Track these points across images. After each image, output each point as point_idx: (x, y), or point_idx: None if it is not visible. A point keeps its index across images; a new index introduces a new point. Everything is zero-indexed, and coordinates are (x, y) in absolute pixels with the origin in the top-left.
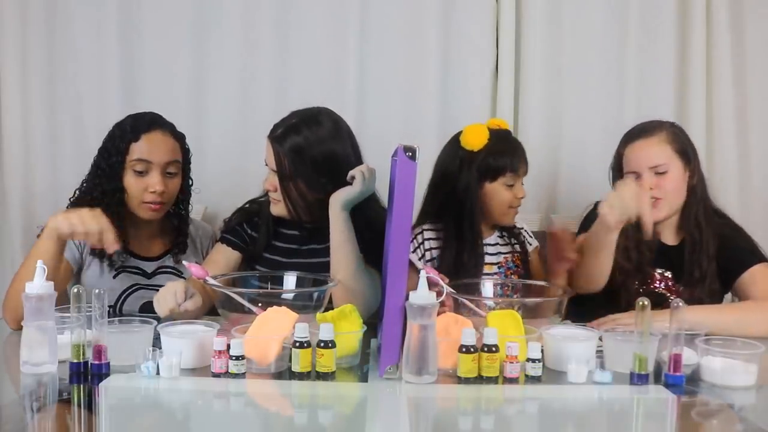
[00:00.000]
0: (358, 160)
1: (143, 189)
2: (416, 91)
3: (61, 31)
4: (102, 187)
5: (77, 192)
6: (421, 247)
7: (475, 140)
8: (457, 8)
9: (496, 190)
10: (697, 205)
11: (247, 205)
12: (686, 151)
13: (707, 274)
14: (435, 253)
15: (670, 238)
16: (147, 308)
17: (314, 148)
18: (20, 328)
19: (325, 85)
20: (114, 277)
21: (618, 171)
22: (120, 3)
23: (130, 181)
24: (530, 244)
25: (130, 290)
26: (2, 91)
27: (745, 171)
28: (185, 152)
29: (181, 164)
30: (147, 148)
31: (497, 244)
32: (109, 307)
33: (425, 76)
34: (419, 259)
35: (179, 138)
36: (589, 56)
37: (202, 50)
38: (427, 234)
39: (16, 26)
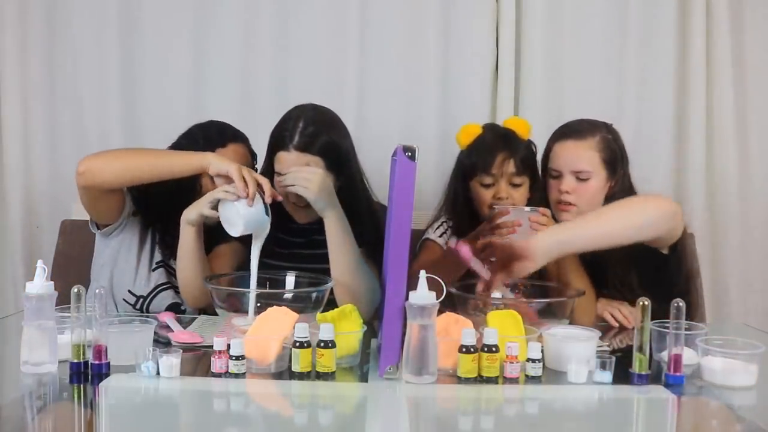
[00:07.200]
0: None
1: None
2: (416, 91)
3: (61, 31)
4: (178, 183)
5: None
6: (446, 234)
7: (462, 138)
8: (456, 8)
9: (475, 189)
10: None
11: None
12: (614, 161)
13: (625, 280)
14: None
15: None
16: (172, 309)
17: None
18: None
19: (325, 84)
20: (153, 270)
21: (546, 165)
22: (120, 2)
23: (208, 182)
24: None
25: (162, 287)
26: (2, 91)
27: (745, 171)
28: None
29: None
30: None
31: None
32: (140, 297)
33: (425, 76)
34: (440, 237)
35: (254, 156)
36: (589, 56)
37: (202, 50)
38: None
39: (16, 26)
